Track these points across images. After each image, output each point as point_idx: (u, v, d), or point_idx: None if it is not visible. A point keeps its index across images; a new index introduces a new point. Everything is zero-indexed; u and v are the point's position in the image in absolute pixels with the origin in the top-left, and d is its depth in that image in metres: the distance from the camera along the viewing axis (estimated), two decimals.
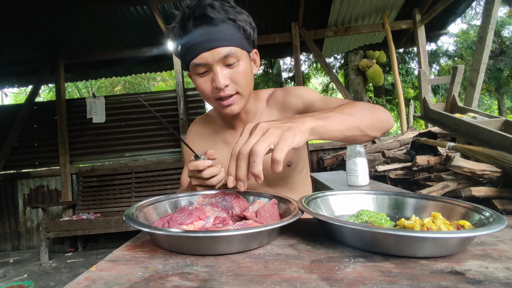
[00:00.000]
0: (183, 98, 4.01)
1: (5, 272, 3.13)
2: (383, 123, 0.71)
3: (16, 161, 4.04)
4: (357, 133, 0.65)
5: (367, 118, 0.66)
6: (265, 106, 0.92)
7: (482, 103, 8.93)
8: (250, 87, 0.80)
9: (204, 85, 0.77)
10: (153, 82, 11.44)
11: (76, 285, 0.36)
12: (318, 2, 3.72)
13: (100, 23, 3.75)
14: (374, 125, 0.68)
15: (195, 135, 0.98)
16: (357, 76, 5.88)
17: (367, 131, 0.66)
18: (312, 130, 0.56)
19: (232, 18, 0.73)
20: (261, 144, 0.49)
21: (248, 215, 0.55)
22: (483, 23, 2.40)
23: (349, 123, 0.63)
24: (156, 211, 0.61)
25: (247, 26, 0.76)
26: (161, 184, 3.86)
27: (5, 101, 9.72)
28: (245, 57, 0.77)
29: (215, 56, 0.72)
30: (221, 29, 0.72)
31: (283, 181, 0.90)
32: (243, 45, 0.76)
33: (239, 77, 0.76)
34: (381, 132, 0.71)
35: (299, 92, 0.88)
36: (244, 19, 0.76)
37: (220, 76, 0.73)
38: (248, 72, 0.78)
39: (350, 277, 0.36)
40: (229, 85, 0.75)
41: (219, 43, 0.72)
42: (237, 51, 0.74)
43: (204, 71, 0.76)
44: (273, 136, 0.50)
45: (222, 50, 0.72)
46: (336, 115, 0.62)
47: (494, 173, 1.61)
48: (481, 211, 0.48)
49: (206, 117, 1.00)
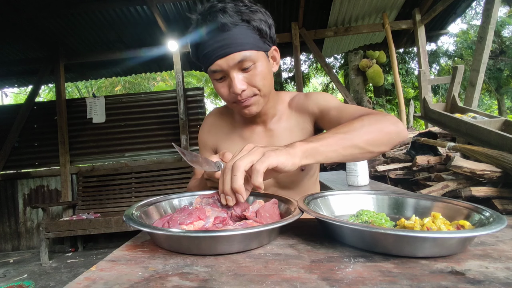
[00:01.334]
0: (183, 98, 4.01)
1: (5, 272, 3.13)
2: (391, 136, 0.66)
3: (16, 161, 4.04)
4: (356, 151, 0.63)
5: (367, 135, 0.63)
6: (287, 108, 0.92)
7: (482, 103, 8.93)
8: (269, 87, 0.80)
9: (222, 90, 0.78)
10: (153, 82, 11.44)
11: (76, 285, 0.36)
12: (318, 2, 3.72)
13: (100, 23, 3.75)
14: (377, 141, 0.65)
15: (210, 126, 0.98)
16: (357, 76, 5.88)
17: (368, 148, 0.63)
18: (304, 153, 0.57)
19: (246, 19, 0.72)
20: (243, 159, 0.52)
21: (248, 215, 0.55)
22: (483, 23, 2.40)
23: (345, 142, 0.61)
24: (156, 211, 0.61)
25: (262, 25, 0.74)
26: (161, 184, 3.86)
27: (5, 101, 9.72)
28: (262, 58, 0.76)
29: (230, 62, 0.72)
30: (234, 33, 0.71)
31: (294, 185, 0.90)
32: (259, 46, 0.75)
33: (256, 80, 0.75)
34: (388, 146, 0.67)
35: (317, 97, 0.87)
36: (260, 18, 0.74)
37: (236, 81, 0.73)
38: (266, 72, 0.77)
39: (350, 277, 0.36)
40: (246, 89, 0.75)
41: (232, 48, 0.71)
42: (252, 54, 0.73)
43: (221, 77, 0.76)
44: (256, 154, 0.53)
45: (236, 56, 0.71)
46: (330, 136, 0.61)
47: (494, 173, 1.61)
48: (481, 211, 0.48)
49: (225, 109, 0.99)
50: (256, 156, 0.52)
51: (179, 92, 4.01)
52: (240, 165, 0.51)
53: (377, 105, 6.33)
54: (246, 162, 0.52)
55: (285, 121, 0.90)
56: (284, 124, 0.89)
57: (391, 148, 0.70)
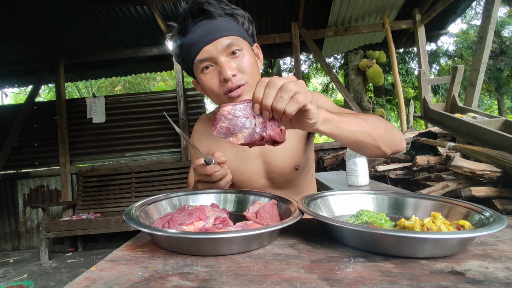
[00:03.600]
0: (183, 98, 4.01)
1: (5, 272, 3.13)
2: (396, 141, 0.69)
3: (16, 161, 4.04)
4: (369, 140, 0.63)
5: (381, 129, 0.65)
6: None
7: (482, 103, 8.92)
8: (257, 78, 0.79)
9: (210, 81, 0.76)
10: (153, 82, 11.44)
11: (76, 285, 0.36)
12: (318, 2, 3.72)
13: (100, 23, 3.74)
14: (387, 139, 0.66)
15: (200, 134, 0.97)
16: (357, 76, 5.88)
17: (379, 142, 0.64)
18: (325, 120, 0.56)
19: (229, 13, 0.75)
20: (292, 84, 0.49)
21: (248, 216, 0.55)
22: (483, 23, 2.40)
23: (363, 127, 0.62)
24: (156, 210, 0.61)
25: (245, 20, 0.77)
26: (161, 184, 3.86)
27: (5, 101, 9.72)
28: (248, 47, 0.77)
29: (218, 47, 0.72)
30: (220, 22, 0.73)
31: (289, 184, 0.89)
32: (244, 36, 0.77)
33: (245, 66, 0.75)
34: (391, 150, 0.69)
35: (313, 98, 0.88)
36: (242, 13, 0.77)
37: (226, 66, 0.72)
38: (253, 61, 0.77)
39: (350, 277, 0.36)
40: (236, 74, 0.74)
41: (220, 33, 0.72)
42: (239, 40, 0.74)
43: (209, 65, 0.75)
44: (300, 85, 0.50)
45: (224, 40, 0.72)
46: (351, 117, 0.61)
47: (494, 173, 1.61)
48: (481, 211, 0.48)
49: (212, 115, 0.99)
50: (301, 88, 0.50)
51: (179, 92, 4.01)
52: (291, 88, 0.48)
53: (377, 105, 6.33)
54: (295, 88, 0.49)
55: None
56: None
57: (389, 154, 0.70)
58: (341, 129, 0.58)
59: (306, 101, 0.49)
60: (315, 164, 4.00)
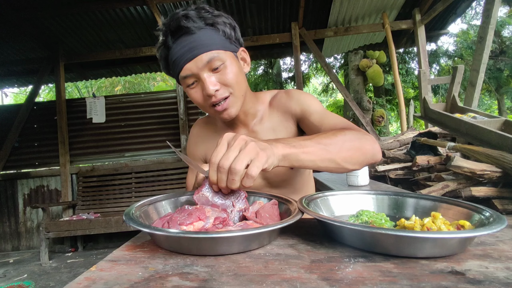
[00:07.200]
0: (183, 98, 4.01)
1: (5, 272, 3.13)
2: (366, 157, 0.68)
3: (16, 161, 4.04)
4: (331, 166, 0.63)
5: (346, 151, 0.64)
6: (267, 108, 0.91)
7: (482, 103, 8.92)
8: (242, 86, 0.79)
9: (195, 95, 0.77)
10: (153, 82, 11.44)
11: (76, 285, 0.36)
12: (318, 2, 3.72)
13: (100, 23, 3.74)
14: (353, 159, 0.66)
15: (197, 138, 0.98)
16: (357, 76, 5.88)
17: (343, 164, 0.64)
18: (284, 157, 0.56)
19: (210, 23, 0.73)
20: (240, 162, 0.50)
21: (248, 216, 0.55)
22: (483, 23, 2.40)
23: (324, 155, 0.61)
24: (156, 210, 0.61)
25: (226, 28, 0.75)
26: (161, 184, 3.86)
27: (5, 101, 9.72)
28: (231, 58, 0.76)
29: (198, 64, 0.72)
30: (199, 36, 0.71)
31: (286, 183, 0.90)
32: (226, 47, 0.75)
33: (228, 79, 0.74)
34: (361, 165, 0.69)
35: (300, 98, 0.86)
36: (223, 21, 0.75)
37: (208, 82, 0.72)
38: (237, 71, 0.76)
39: (350, 277, 0.36)
40: (219, 89, 0.74)
41: (199, 50, 0.71)
42: (220, 53, 0.73)
43: (193, 82, 0.75)
44: (251, 153, 0.51)
45: (204, 57, 0.71)
46: (313, 145, 0.60)
47: (494, 173, 1.61)
48: (481, 211, 0.48)
49: (207, 118, 1.00)
50: (252, 155, 0.51)
51: (179, 92, 4.01)
52: (239, 170, 0.50)
53: (377, 105, 6.32)
54: (244, 164, 0.50)
55: (267, 121, 0.89)
56: (267, 124, 0.89)
57: (361, 168, 0.70)
58: (300, 161, 0.58)
59: (258, 170, 0.50)
60: None
